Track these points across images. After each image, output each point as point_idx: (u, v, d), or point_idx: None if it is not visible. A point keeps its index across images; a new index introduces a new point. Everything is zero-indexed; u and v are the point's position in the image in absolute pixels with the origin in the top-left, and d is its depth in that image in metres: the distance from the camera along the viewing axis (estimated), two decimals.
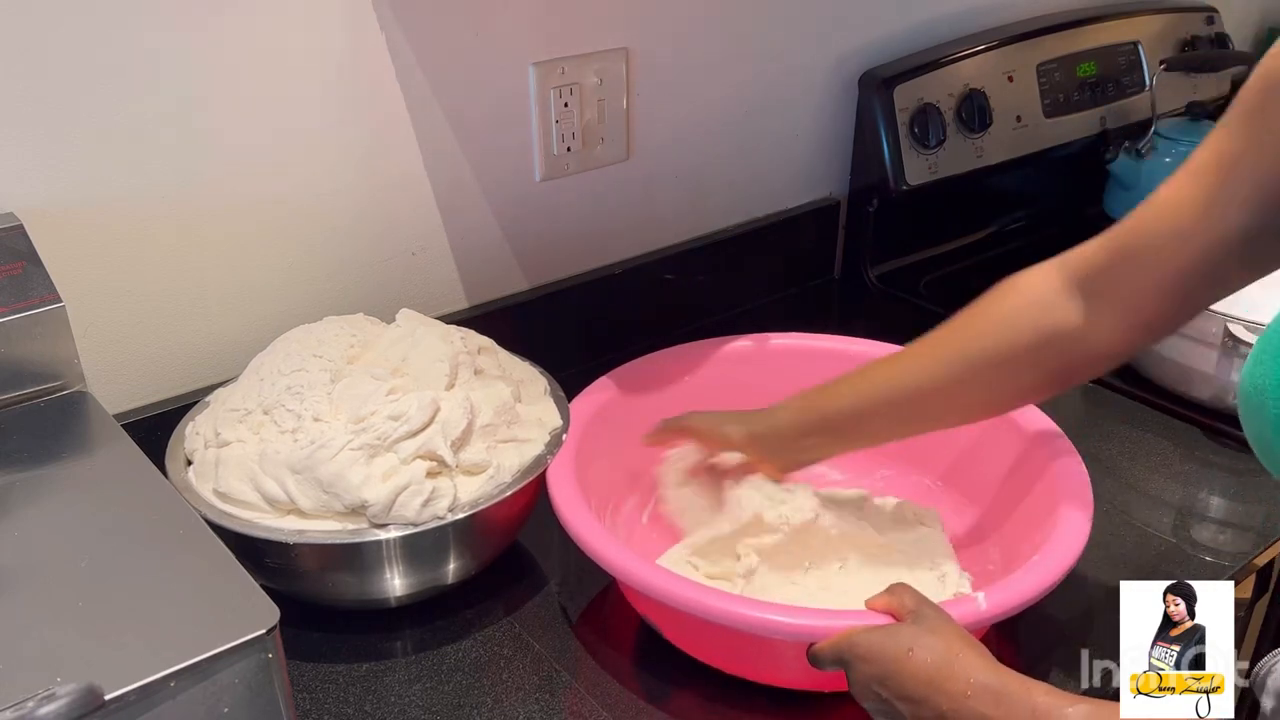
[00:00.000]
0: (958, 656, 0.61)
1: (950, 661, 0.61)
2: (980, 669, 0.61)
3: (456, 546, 0.79)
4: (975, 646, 0.63)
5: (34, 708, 0.47)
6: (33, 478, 0.66)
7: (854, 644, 0.65)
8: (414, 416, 0.76)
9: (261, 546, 0.74)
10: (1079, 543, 0.74)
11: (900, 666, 0.62)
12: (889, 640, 0.64)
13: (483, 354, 0.87)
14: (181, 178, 0.86)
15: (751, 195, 1.26)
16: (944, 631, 0.64)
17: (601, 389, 0.92)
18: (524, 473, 0.80)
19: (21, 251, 0.74)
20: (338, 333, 0.84)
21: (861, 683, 0.65)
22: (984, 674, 0.60)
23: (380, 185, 0.97)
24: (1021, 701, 0.59)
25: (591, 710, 0.74)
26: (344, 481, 0.73)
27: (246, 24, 0.84)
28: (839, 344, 0.99)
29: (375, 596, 0.79)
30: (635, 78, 1.09)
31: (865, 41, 1.27)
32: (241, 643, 0.52)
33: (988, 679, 0.60)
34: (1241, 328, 0.99)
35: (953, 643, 0.63)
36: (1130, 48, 1.46)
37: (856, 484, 0.93)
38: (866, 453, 0.90)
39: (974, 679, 0.60)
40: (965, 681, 0.60)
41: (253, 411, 0.79)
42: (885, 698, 0.64)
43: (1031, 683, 0.60)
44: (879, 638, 0.64)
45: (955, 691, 0.60)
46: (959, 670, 0.61)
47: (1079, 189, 1.48)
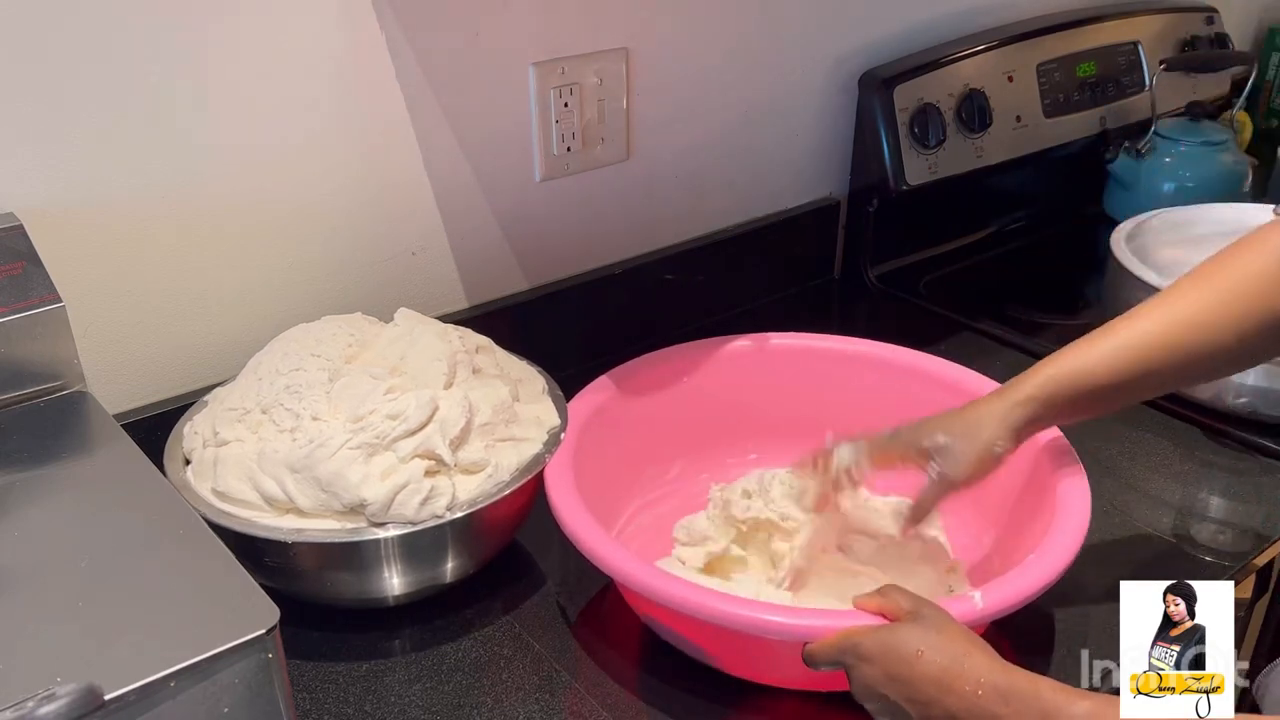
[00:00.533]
0: (967, 656, 0.62)
1: (959, 661, 0.61)
2: (989, 669, 0.61)
3: (455, 545, 0.79)
4: (982, 646, 0.63)
5: (34, 708, 0.47)
6: (33, 478, 0.66)
7: (857, 645, 0.65)
8: (412, 415, 0.76)
9: (260, 546, 0.74)
10: (1076, 541, 0.74)
11: (909, 668, 0.62)
12: (896, 641, 0.64)
13: (481, 353, 0.87)
14: (181, 178, 0.86)
15: (751, 195, 1.26)
16: (950, 631, 0.64)
17: (600, 388, 0.92)
18: (522, 471, 0.80)
19: (21, 251, 0.74)
20: (335, 332, 0.84)
21: (865, 684, 0.65)
22: (993, 674, 0.61)
23: (380, 185, 0.97)
24: (1030, 699, 0.59)
25: (591, 710, 0.74)
26: (342, 480, 0.74)
27: (247, 24, 0.84)
28: (839, 344, 0.99)
29: (374, 595, 0.79)
30: (635, 78, 1.09)
31: (865, 41, 1.27)
32: (241, 643, 0.52)
33: (996, 679, 0.60)
34: None
35: (960, 643, 0.63)
36: (1130, 48, 1.46)
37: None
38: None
39: (984, 679, 0.60)
40: (975, 682, 0.60)
41: (251, 411, 0.79)
42: (891, 699, 0.63)
43: (1039, 679, 0.60)
44: (884, 638, 0.64)
45: (965, 692, 0.60)
46: (968, 671, 0.61)
47: (1079, 189, 1.49)
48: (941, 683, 0.61)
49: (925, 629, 0.64)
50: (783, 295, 1.32)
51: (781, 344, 1.00)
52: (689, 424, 0.96)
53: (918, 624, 0.64)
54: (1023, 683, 0.60)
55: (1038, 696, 0.59)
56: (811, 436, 0.87)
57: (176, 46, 0.82)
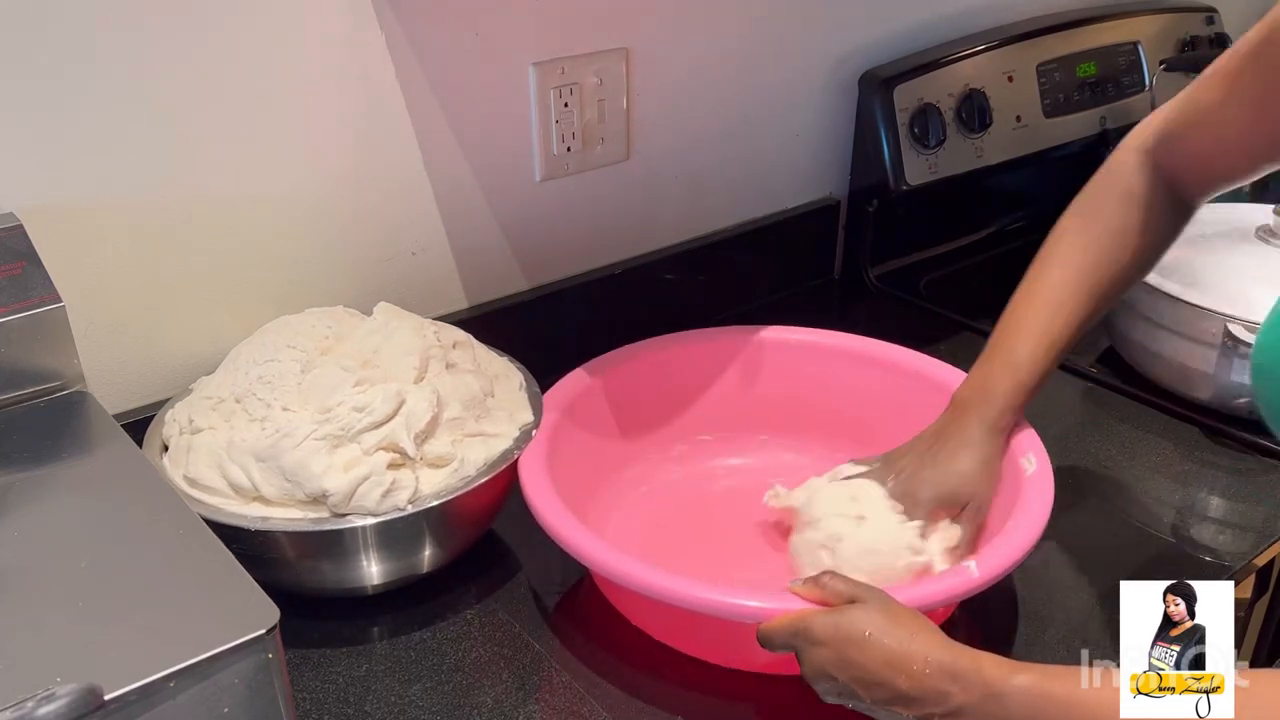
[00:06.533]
0: (914, 637, 0.63)
1: (907, 643, 0.63)
2: (936, 648, 0.62)
3: (418, 538, 0.79)
4: (928, 626, 0.65)
5: (34, 708, 0.47)
6: (33, 478, 0.66)
7: (809, 628, 0.66)
8: (378, 408, 0.76)
9: (228, 533, 0.74)
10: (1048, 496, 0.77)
11: (859, 650, 0.64)
12: (846, 624, 0.65)
13: (458, 348, 0.87)
14: (181, 178, 0.86)
15: (751, 195, 1.26)
16: (896, 613, 0.65)
17: (575, 380, 0.93)
18: (489, 467, 0.80)
19: (21, 251, 0.74)
20: (314, 324, 0.85)
21: (816, 666, 0.66)
22: (939, 652, 0.62)
23: (380, 185, 0.96)
24: (973, 674, 0.61)
25: (592, 710, 0.74)
26: (305, 470, 0.74)
27: (247, 24, 0.84)
28: (819, 337, 1.00)
29: (347, 585, 0.80)
30: (635, 78, 1.08)
31: (865, 41, 1.27)
32: (241, 643, 0.52)
33: (942, 656, 0.62)
34: (1241, 328, 0.99)
35: (907, 624, 0.64)
36: (1130, 48, 1.46)
37: (820, 465, 0.92)
38: (823, 434, 0.96)
39: (930, 658, 0.62)
40: (923, 661, 0.62)
41: (225, 400, 0.80)
42: (841, 680, 0.64)
43: (981, 655, 0.62)
44: (835, 620, 0.65)
45: (914, 671, 0.62)
46: (916, 651, 0.62)
47: (1079, 189, 1.48)
48: (891, 663, 0.62)
49: (872, 611, 0.65)
50: (783, 295, 1.32)
51: (770, 337, 1.01)
52: (663, 414, 0.98)
53: (865, 607, 0.65)
54: (966, 660, 0.61)
55: (980, 671, 0.61)
56: (792, 429, 0.92)
57: (176, 46, 0.82)
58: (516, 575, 0.86)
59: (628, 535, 0.90)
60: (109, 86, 0.80)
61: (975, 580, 0.71)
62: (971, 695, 0.60)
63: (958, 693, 0.60)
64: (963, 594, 0.72)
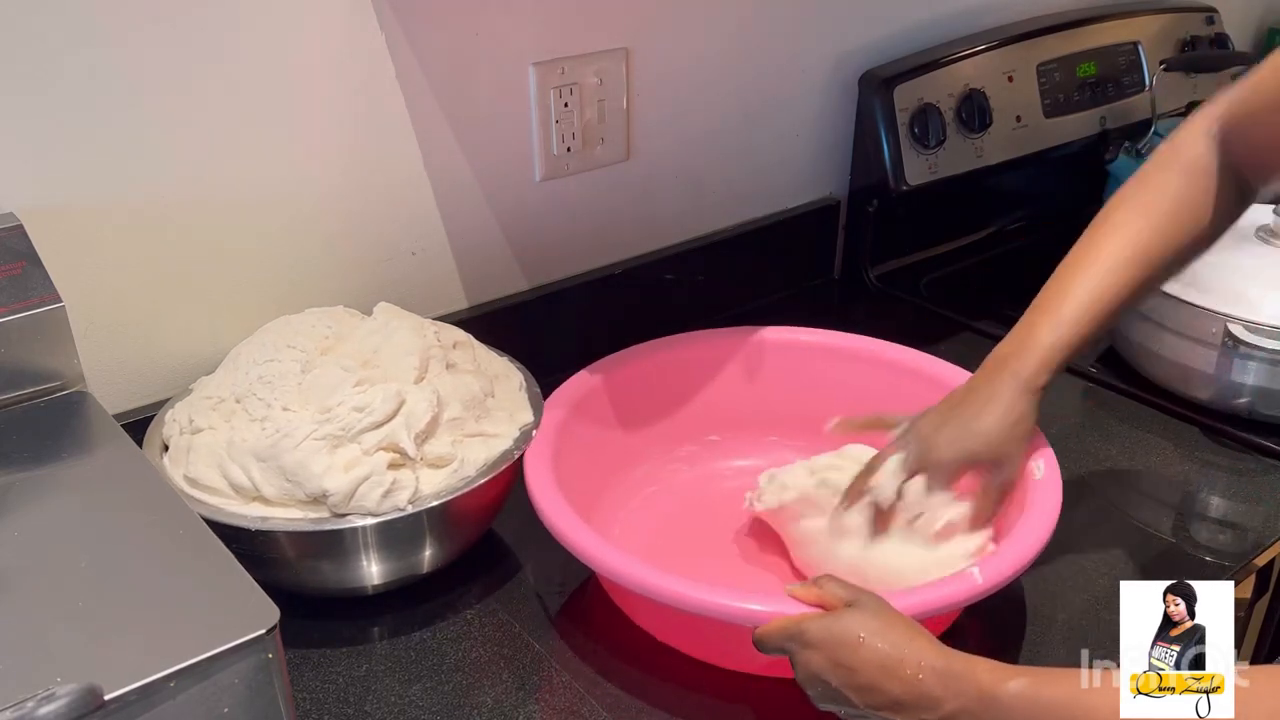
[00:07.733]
0: (908, 642, 0.63)
1: (901, 647, 0.62)
2: (929, 653, 0.62)
3: (418, 538, 0.79)
4: (921, 631, 0.64)
5: (34, 708, 0.47)
6: (33, 478, 0.66)
7: (803, 631, 0.65)
8: (378, 408, 0.76)
9: (228, 533, 0.74)
10: (1055, 504, 0.77)
11: (853, 654, 0.63)
12: (839, 628, 0.64)
13: (458, 348, 0.87)
14: (181, 178, 0.86)
15: (751, 195, 1.26)
16: (890, 618, 0.65)
17: (582, 380, 0.92)
18: (489, 467, 0.80)
19: (21, 251, 0.74)
20: (315, 324, 0.85)
21: (809, 670, 0.65)
22: (933, 657, 0.62)
23: (380, 185, 0.96)
24: (967, 679, 0.60)
25: (592, 710, 0.74)
26: (305, 470, 0.74)
27: (247, 24, 0.84)
28: (821, 337, 1.00)
29: (347, 585, 0.80)
30: (635, 78, 1.08)
31: (865, 41, 1.27)
32: (241, 643, 0.52)
33: (936, 662, 0.61)
34: (1241, 328, 0.99)
35: (901, 629, 0.64)
36: (1130, 48, 1.46)
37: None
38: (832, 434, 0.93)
39: (924, 663, 0.61)
40: (916, 666, 0.61)
41: (225, 400, 0.80)
42: (834, 685, 0.64)
43: (975, 660, 0.61)
44: (828, 625, 0.65)
45: (907, 676, 0.61)
46: (909, 656, 0.62)
47: (1079, 189, 1.48)
48: (885, 668, 0.62)
49: (866, 616, 0.65)
50: (783, 295, 1.32)
51: (772, 337, 1.00)
52: (669, 415, 0.98)
53: (859, 611, 0.65)
54: (960, 664, 0.61)
55: (974, 676, 0.60)
56: (793, 429, 0.91)
57: (176, 47, 0.82)
58: (517, 575, 0.86)
59: (635, 536, 0.89)
60: (109, 87, 0.80)
61: (979, 587, 0.70)
62: (965, 701, 0.60)
63: (951, 698, 0.60)
64: (965, 600, 0.71)
